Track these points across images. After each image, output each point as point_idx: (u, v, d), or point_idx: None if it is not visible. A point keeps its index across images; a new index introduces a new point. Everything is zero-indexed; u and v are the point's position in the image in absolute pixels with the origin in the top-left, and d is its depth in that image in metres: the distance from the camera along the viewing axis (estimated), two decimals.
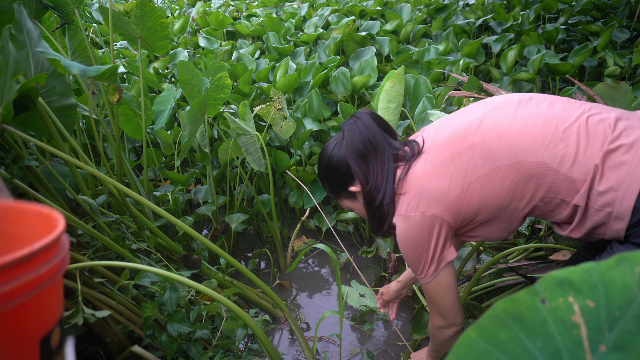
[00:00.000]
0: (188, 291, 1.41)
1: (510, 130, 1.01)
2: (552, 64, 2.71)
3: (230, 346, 1.39)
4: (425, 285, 1.15)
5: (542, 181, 0.98)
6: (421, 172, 1.09)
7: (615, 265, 0.38)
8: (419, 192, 1.08)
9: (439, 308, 1.17)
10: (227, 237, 2.29)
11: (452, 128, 1.10)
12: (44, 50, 1.20)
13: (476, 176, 1.03)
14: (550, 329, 0.38)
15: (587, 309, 0.37)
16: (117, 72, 1.39)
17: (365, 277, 2.22)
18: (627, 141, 0.92)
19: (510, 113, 1.04)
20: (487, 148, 1.02)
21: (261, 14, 4.31)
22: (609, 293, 0.37)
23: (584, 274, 0.38)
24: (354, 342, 1.87)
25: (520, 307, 0.39)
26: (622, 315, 0.36)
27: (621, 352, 0.35)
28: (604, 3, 3.68)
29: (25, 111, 1.44)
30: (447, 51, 3.14)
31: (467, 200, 1.05)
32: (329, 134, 2.50)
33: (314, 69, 2.82)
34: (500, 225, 1.09)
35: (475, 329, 0.39)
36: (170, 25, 3.81)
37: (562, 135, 0.96)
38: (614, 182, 0.92)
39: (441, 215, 1.06)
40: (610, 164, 0.92)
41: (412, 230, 1.09)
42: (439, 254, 1.10)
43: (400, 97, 1.99)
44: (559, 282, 0.39)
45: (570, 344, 0.37)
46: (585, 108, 1.00)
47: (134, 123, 2.29)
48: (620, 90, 1.24)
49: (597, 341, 0.37)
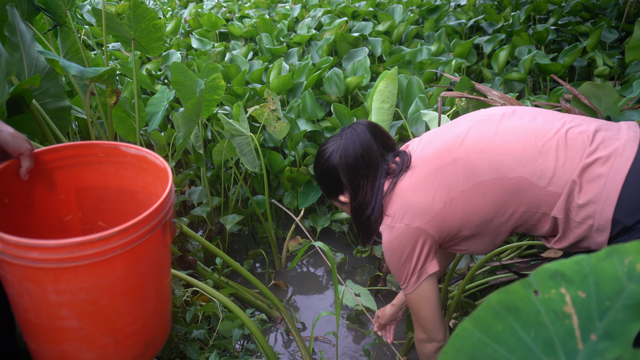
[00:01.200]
0: (184, 292, 1.42)
1: (491, 145, 1.03)
2: (542, 64, 2.75)
3: (226, 346, 1.39)
4: (407, 296, 1.18)
5: (523, 196, 1.00)
6: (407, 185, 1.12)
7: (605, 257, 0.39)
8: (404, 204, 1.11)
9: (419, 321, 1.20)
10: (222, 238, 2.30)
11: (438, 142, 1.12)
12: (42, 51, 1.20)
13: (459, 190, 1.05)
14: (543, 319, 0.39)
15: (578, 299, 0.39)
16: (115, 74, 1.39)
17: (360, 276, 2.23)
18: (604, 153, 0.93)
19: (493, 127, 1.06)
20: (470, 163, 1.04)
21: (254, 15, 4.32)
22: (599, 284, 0.38)
23: (576, 265, 0.40)
24: (350, 341, 1.88)
25: (515, 298, 0.40)
26: (612, 305, 0.37)
27: (611, 341, 0.37)
28: (593, 4, 3.72)
29: (19, 113, 1.44)
30: (439, 52, 3.17)
31: (450, 214, 1.07)
32: (322, 135, 2.51)
33: (307, 69, 2.83)
34: (484, 240, 1.12)
35: (471, 320, 0.40)
36: (163, 26, 3.80)
37: (542, 149, 0.98)
38: (592, 195, 0.93)
39: (425, 228, 1.09)
40: (588, 177, 0.94)
41: (396, 241, 1.12)
42: (420, 266, 1.12)
43: (394, 97, 2.00)
44: (552, 274, 0.40)
45: (562, 334, 0.39)
46: (566, 120, 1.02)
47: (128, 125, 2.29)
48: (605, 89, 1.26)
49: (588, 330, 0.38)
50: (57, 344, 0.94)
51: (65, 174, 1.12)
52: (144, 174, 1.12)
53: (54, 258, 0.83)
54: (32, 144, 1.00)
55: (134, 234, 0.88)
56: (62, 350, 0.95)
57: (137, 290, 0.95)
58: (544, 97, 2.60)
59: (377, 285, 2.11)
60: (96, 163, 1.14)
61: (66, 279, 0.86)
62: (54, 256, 0.83)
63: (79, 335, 0.92)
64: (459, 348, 0.40)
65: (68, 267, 0.84)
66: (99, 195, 1.17)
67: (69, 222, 1.17)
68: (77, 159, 1.12)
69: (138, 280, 0.95)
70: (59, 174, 1.11)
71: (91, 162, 1.13)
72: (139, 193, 1.15)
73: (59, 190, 1.13)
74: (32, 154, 1.00)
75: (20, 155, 0.98)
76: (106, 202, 1.18)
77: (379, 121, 1.97)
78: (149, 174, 1.11)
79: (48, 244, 0.82)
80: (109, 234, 0.85)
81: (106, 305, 0.91)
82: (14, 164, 0.99)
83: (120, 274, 0.90)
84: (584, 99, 1.29)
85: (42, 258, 0.83)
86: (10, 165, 0.99)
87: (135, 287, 0.95)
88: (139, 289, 0.95)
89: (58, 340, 0.94)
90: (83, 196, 1.16)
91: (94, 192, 1.16)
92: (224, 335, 1.41)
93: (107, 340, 0.95)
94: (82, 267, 0.85)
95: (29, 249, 0.82)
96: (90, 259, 0.85)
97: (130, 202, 1.17)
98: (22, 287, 0.88)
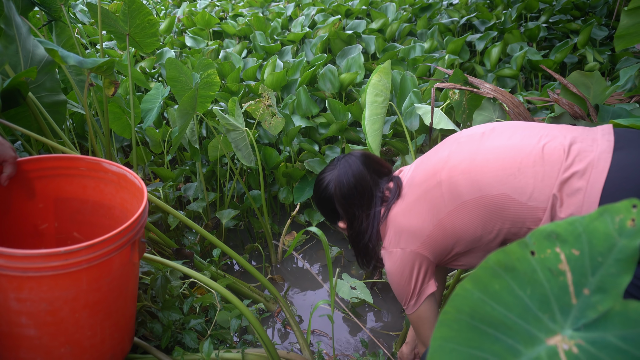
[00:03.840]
0: (182, 284, 1.42)
1: (472, 165, 1.06)
2: (534, 60, 2.78)
3: (224, 336, 1.40)
4: (409, 316, 1.23)
5: (506, 212, 1.03)
6: (399, 211, 1.17)
7: (597, 217, 0.41)
8: (398, 230, 1.16)
9: (421, 338, 1.26)
10: (218, 233, 2.30)
11: (424, 166, 1.17)
12: (42, 40, 1.21)
13: (446, 211, 1.09)
14: (539, 277, 0.41)
15: (572, 257, 0.40)
16: (114, 65, 1.40)
17: (356, 270, 2.24)
18: (580, 167, 0.96)
19: (473, 148, 1.09)
20: (454, 184, 1.07)
21: (247, 14, 4.33)
22: (592, 242, 0.40)
23: (569, 226, 0.41)
24: (346, 333, 1.89)
25: (512, 258, 0.42)
26: (604, 260, 0.39)
27: (603, 294, 0.38)
28: (583, 2, 3.77)
29: (15, 106, 1.44)
30: (432, 49, 3.19)
31: (441, 235, 1.11)
32: (317, 131, 2.52)
33: (302, 66, 2.84)
34: (478, 254, 1.15)
35: (470, 280, 0.42)
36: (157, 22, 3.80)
37: (520, 165, 1.01)
38: (573, 209, 0.96)
39: (419, 251, 1.14)
40: (567, 192, 0.97)
41: (394, 265, 1.17)
42: (419, 287, 1.17)
43: (387, 90, 2.02)
44: (547, 234, 0.42)
45: (557, 290, 0.40)
46: (542, 134, 1.04)
47: (123, 121, 2.29)
48: (594, 77, 1.29)
49: (581, 285, 0.40)
50: (12, 351, 0.95)
51: (46, 183, 1.14)
52: (122, 191, 1.15)
53: (19, 267, 0.85)
54: (16, 152, 1.03)
55: (101, 250, 0.90)
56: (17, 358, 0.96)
57: (99, 304, 0.97)
58: (536, 92, 2.63)
59: (373, 278, 2.12)
60: (77, 176, 1.17)
61: (29, 288, 0.87)
62: (18, 265, 0.84)
63: (36, 344, 0.94)
64: (459, 307, 0.42)
65: (31, 276, 0.86)
66: (76, 207, 1.20)
67: (44, 231, 1.19)
68: (59, 170, 1.15)
69: (101, 295, 0.96)
70: (39, 184, 1.13)
71: (72, 175, 1.16)
72: (115, 209, 1.18)
73: (38, 199, 1.15)
74: (15, 161, 1.02)
75: (3, 162, 1.00)
76: (83, 215, 1.21)
77: (373, 114, 1.98)
78: (127, 191, 1.14)
79: (14, 252, 0.84)
80: (75, 248, 0.86)
81: (66, 317, 0.92)
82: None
83: (84, 287, 0.92)
84: (573, 88, 1.32)
85: (7, 265, 0.84)
86: None
87: (98, 301, 0.96)
88: (101, 303, 0.97)
89: (14, 348, 0.95)
90: (61, 207, 1.19)
91: (72, 203, 1.19)
92: (222, 325, 1.42)
93: (64, 352, 0.96)
94: (46, 277, 0.87)
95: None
96: (54, 271, 0.86)
97: (107, 217, 1.20)
98: None
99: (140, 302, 1.21)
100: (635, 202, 0.39)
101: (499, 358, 0.41)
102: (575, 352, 0.39)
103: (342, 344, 1.84)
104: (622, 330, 0.37)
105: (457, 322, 0.42)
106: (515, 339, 0.41)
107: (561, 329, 0.40)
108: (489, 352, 0.41)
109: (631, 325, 0.37)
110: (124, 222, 1.15)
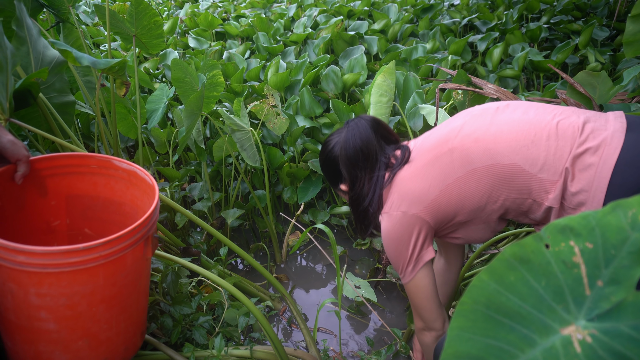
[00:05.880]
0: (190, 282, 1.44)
1: (486, 135, 1.08)
2: (536, 61, 2.80)
3: (232, 334, 1.42)
4: (406, 285, 1.22)
5: (515, 182, 1.05)
6: (405, 175, 1.17)
7: (610, 211, 0.42)
8: (402, 193, 1.16)
9: (417, 310, 1.24)
10: (223, 232, 2.32)
11: (436, 135, 1.18)
12: (55, 41, 1.23)
13: (454, 177, 1.10)
14: (553, 269, 0.43)
15: (586, 250, 0.42)
16: (125, 66, 1.42)
17: (360, 269, 2.26)
18: (593, 144, 0.98)
19: (487, 119, 1.11)
20: (465, 151, 1.09)
21: (250, 15, 4.35)
22: (605, 235, 0.42)
23: (583, 220, 0.43)
24: (351, 331, 1.91)
25: (527, 251, 0.43)
26: (617, 253, 0.41)
27: (616, 285, 0.40)
28: (585, 3, 3.79)
29: (25, 107, 1.45)
30: (434, 49, 3.21)
31: (445, 201, 1.12)
32: (320, 131, 2.54)
33: (305, 67, 2.86)
34: (478, 227, 1.16)
35: (486, 271, 0.44)
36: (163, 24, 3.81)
37: (534, 138, 1.03)
38: (584, 183, 0.98)
39: (421, 215, 1.13)
40: (580, 167, 0.99)
41: (394, 228, 1.16)
42: (417, 253, 1.16)
43: (392, 91, 2.04)
44: (561, 228, 0.43)
45: (571, 282, 0.42)
46: (556, 112, 1.07)
47: (128, 122, 2.31)
48: (600, 77, 1.30)
49: (595, 277, 0.41)
50: (32, 345, 0.98)
51: (58, 181, 1.17)
52: (132, 188, 1.18)
53: (39, 263, 0.87)
54: (29, 152, 1.05)
55: (118, 246, 0.94)
56: (36, 351, 0.99)
57: (115, 299, 1.00)
58: (538, 93, 2.65)
59: (377, 277, 2.14)
60: (88, 174, 1.19)
61: (48, 283, 0.90)
62: (39, 261, 0.87)
63: (55, 337, 0.97)
64: (476, 298, 0.44)
65: (51, 272, 0.89)
66: (87, 204, 1.22)
67: (56, 227, 1.22)
68: (70, 168, 1.18)
69: (117, 290, 0.99)
70: (52, 181, 1.16)
71: (83, 173, 1.19)
72: (126, 205, 1.21)
73: (50, 197, 1.18)
74: (28, 160, 1.04)
75: (17, 161, 1.02)
76: (94, 211, 1.23)
77: (378, 114, 2.00)
78: (137, 188, 1.16)
79: (35, 249, 0.86)
80: (93, 245, 0.89)
81: (84, 311, 0.96)
82: (10, 169, 1.04)
83: (100, 282, 0.95)
84: (579, 87, 1.34)
85: (28, 262, 0.87)
86: (7, 171, 1.05)
87: (114, 296, 0.99)
88: (117, 297, 1.00)
89: (34, 341, 0.98)
90: (72, 204, 1.21)
91: (83, 200, 1.21)
92: (230, 323, 1.44)
93: (81, 345, 0.99)
94: (65, 273, 0.90)
95: (17, 253, 0.87)
96: (73, 267, 0.89)
97: (117, 213, 1.22)
98: (5, 288, 0.92)
99: (152, 296, 1.23)
100: None
101: (514, 347, 0.43)
102: (589, 342, 0.40)
103: (347, 342, 1.86)
104: (635, 320, 0.39)
105: (474, 312, 0.44)
106: (530, 329, 0.42)
107: (575, 319, 0.42)
108: (504, 342, 0.43)
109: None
110: (134, 217, 1.17)
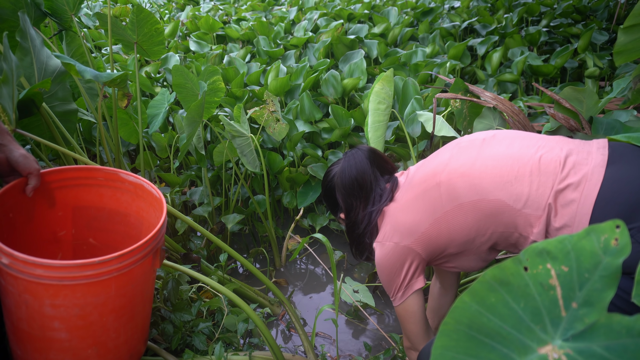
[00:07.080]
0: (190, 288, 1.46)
1: (472, 170, 1.11)
2: (535, 65, 2.82)
3: (231, 339, 1.44)
4: (396, 307, 1.27)
5: (500, 217, 1.08)
6: (397, 207, 1.22)
7: (585, 236, 0.45)
8: (394, 224, 1.21)
9: (405, 331, 1.29)
10: (223, 237, 2.34)
11: (426, 168, 1.22)
12: (59, 55, 1.25)
13: (443, 211, 1.13)
14: (531, 291, 0.45)
15: (562, 273, 0.44)
16: (127, 78, 1.44)
17: (359, 273, 2.28)
18: (574, 179, 1.00)
19: (473, 153, 1.14)
20: (452, 186, 1.12)
21: (250, 18, 4.37)
22: (579, 259, 0.44)
23: (559, 244, 0.45)
24: (349, 336, 1.93)
25: (507, 273, 0.46)
26: (590, 277, 0.43)
27: (589, 307, 0.42)
28: (584, 6, 3.80)
29: (29, 116, 1.48)
30: (433, 53, 3.23)
31: (435, 234, 1.16)
32: (320, 136, 2.56)
33: (305, 72, 2.88)
34: (470, 257, 1.20)
35: (468, 293, 0.46)
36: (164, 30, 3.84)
37: (517, 174, 1.06)
38: (567, 219, 1.00)
39: (413, 247, 1.18)
40: (562, 202, 1.01)
41: (386, 257, 1.21)
42: (407, 282, 1.21)
43: (390, 98, 2.06)
44: (539, 252, 0.46)
45: (548, 303, 0.44)
46: (540, 145, 1.09)
47: (130, 127, 2.33)
48: (585, 92, 1.33)
49: (570, 299, 0.43)
50: (43, 353, 1.02)
51: (65, 193, 1.20)
52: (138, 200, 1.21)
53: (56, 276, 0.91)
54: (39, 165, 1.08)
55: (130, 259, 0.98)
56: (47, 359, 1.02)
57: (124, 308, 1.04)
58: (536, 97, 2.67)
59: (376, 282, 2.16)
60: (95, 186, 1.23)
61: (63, 295, 0.94)
62: (56, 274, 0.91)
63: (66, 346, 1.00)
64: (458, 318, 0.46)
65: (67, 285, 0.93)
66: (93, 215, 1.26)
67: (62, 237, 1.25)
68: (78, 180, 1.21)
69: (126, 300, 1.03)
70: (59, 193, 1.20)
71: (90, 185, 1.23)
72: (131, 216, 1.24)
73: (57, 208, 1.21)
74: (39, 173, 1.07)
75: (29, 175, 1.05)
76: (99, 222, 1.27)
77: (376, 122, 2.02)
78: (143, 200, 1.20)
79: (52, 263, 0.90)
80: (107, 259, 0.93)
81: (95, 321, 0.99)
82: (21, 182, 1.08)
83: (112, 293, 0.98)
84: (565, 103, 1.36)
85: (45, 275, 0.91)
86: (18, 184, 1.08)
87: (123, 305, 1.03)
88: (126, 307, 1.04)
89: (45, 350, 1.02)
90: (79, 214, 1.25)
91: (89, 211, 1.25)
92: (229, 329, 1.46)
93: (91, 353, 1.03)
94: (80, 285, 0.93)
95: (35, 266, 0.90)
96: (88, 279, 0.93)
97: (122, 224, 1.26)
98: (20, 299, 0.95)
99: (154, 303, 1.25)
100: (619, 223, 0.43)
101: None
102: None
103: (345, 346, 1.88)
104: (607, 341, 0.41)
105: (456, 332, 0.46)
106: (510, 348, 0.45)
107: (552, 339, 0.44)
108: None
109: (614, 337, 0.41)
110: (139, 228, 1.20)
